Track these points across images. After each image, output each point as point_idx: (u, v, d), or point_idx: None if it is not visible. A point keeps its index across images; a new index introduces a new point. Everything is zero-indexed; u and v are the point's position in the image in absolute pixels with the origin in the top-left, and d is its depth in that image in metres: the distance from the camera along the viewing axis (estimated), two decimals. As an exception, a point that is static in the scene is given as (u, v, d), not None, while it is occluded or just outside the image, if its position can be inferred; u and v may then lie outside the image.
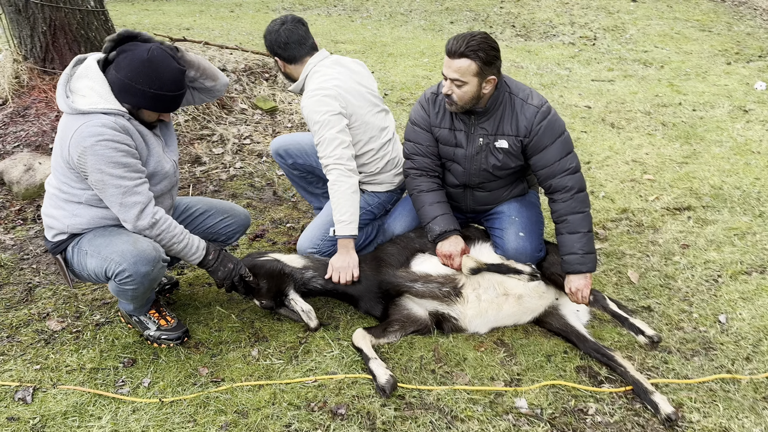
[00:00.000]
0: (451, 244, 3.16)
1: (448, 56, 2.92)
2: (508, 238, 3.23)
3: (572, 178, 3.08)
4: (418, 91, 7.42)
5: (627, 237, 4.23)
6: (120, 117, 2.66)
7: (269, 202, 4.66)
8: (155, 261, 2.75)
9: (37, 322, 3.21)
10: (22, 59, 5.57)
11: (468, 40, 2.84)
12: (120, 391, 2.76)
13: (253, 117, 6.00)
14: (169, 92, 2.67)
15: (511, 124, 3.09)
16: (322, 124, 3.18)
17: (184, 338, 3.09)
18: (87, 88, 2.65)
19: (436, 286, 3.12)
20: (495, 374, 2.92)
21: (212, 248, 2.99)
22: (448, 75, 2.93)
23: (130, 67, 2.60)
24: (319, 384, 2.83)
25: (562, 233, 3.11)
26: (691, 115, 6.61)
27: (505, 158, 3.17)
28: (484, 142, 3.14)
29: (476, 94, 2.96)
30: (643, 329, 2.91)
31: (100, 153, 2.58)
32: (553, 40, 10.36)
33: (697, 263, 3.88)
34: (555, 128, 3.07)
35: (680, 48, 9.62)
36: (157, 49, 2.64)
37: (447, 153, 3.26)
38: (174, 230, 2.83)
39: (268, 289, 3.19)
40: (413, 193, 3.34)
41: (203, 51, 6.90)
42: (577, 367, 2.98)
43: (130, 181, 2.67)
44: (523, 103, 3.08)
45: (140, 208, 2.71)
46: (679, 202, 4.69)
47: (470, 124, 3.14)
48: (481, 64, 2.87)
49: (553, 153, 3.07)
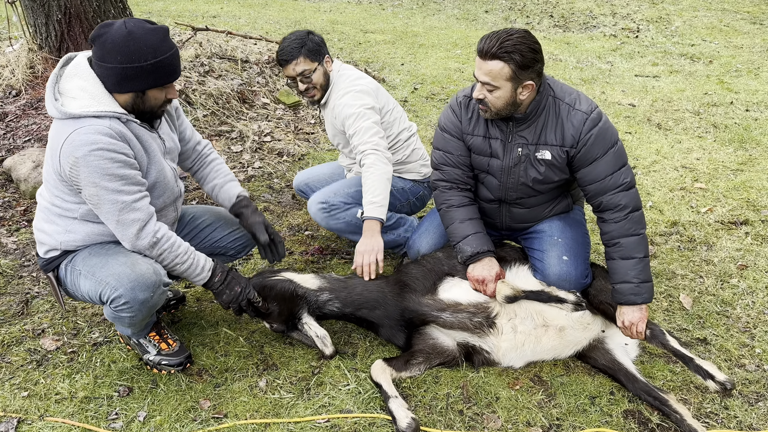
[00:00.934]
0: (484, 267, 2.82)
1: (479, 56, 2.57)
2: (549, 262, 2.87)
3: (626, 195, 2.70)
4: (449, 86, 7.04)
5: (678, 254, 3.83)
6: (116, 120, 2.36)
7: (288, 206, 4.36)
8: (155, 286, 2.47)
9: (30, 339, 2.96)
10: (37, 48, 5.36)
11: (502, 39, 2.49)
12: (112, 425, 2.49)
13: (275, 112, 5.70)
14: (165, 55, 2.33)
15: (555, 132, 2.72)
16: (357, 116, 3.22)
17: (186, 364, 2.80)
18: (77, 88, 2.35)
19: (466, 316, 2.78)
20: (531, 419, 2.58)
21: (219, 269, 2.70)
22: (479, 77, 2.59)
23: (115, 50, 2.27)
24: (332, 425, 2.52)
25: (614, 258, 2.73)
26: (744, 116, 6.11)
27: (548, 171, 2.80)
28: (523, 152, 2.78)
29: (511, 99, 2.61)
30: (713, 373, 2.54)
31: (94, 164, 2.30)
32: (594, 32, 9.84)
33: (758, 288, 3.47)
34: (607, 138, 2.69)
35: (729, 42, 9.04)
36: (128, 21, 2.32)
37: (480, 164, 2.90)
38: (177, 250, 2.55)
39: (279, 312, 2.88)
40: (442, 208, 2.99)
41: (226, 41, 6.61)
42: (625, 412, 2.63)
43: (128, 195, 2.39)
44: (569, 109, 2.70)
45: (139, 225, 2.44)
46: (735, 215, 4.26)
47: (508, 132, 2.78)
48: (516, 67, 2.51)
49: (605, 166, 2.69)
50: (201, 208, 3.08)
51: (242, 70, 6.02)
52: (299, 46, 3.22)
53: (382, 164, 3.12)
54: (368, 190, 3.08)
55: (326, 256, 3.78)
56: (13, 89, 5.15)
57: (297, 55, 3.22)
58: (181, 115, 2.88)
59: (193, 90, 5.32)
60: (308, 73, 3.27)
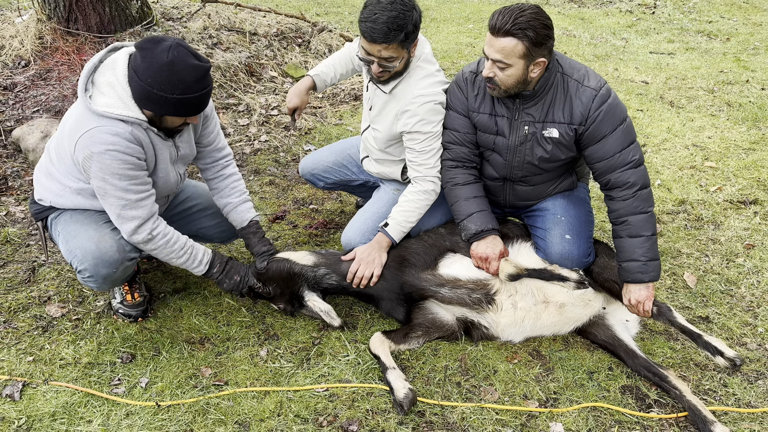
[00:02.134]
0: (488, 245, 2.80)
1: (491, 33, 2.50)
2: (552, 240, 2.85)
3: (635, 172, 2.66)
4: (460, 60, 6.96)
5: (684, 233, 3.79)
6: (137, 126, 2.46)
7: (293, 179, 4.36)
8: (118, 263, 2.61)
9: (36, 306, 3.00)
10: (45, 19, 5.35)
11: (515, 15, 2.42)
12: (115, 391, 2.54)
13: (282, 86, 5.67)
14: (194, 94, 2.37)
15: (563, 109, 2.68)
16: (432, 136, 2.91)
17: (138, 318, 2.93)
18: (108, 85, 2.42)
19: (465, 292, 2.78)
20: (529, 392, 2.59)
21: (218, 260, 2.84)
22: (490, 55, 2.53)
23: (149, 72, 2.32)
24: (331, 393, 2.55)
25: (621, 236, 2.70)
26: (759, 95, 6.00)
27: (555, 149, 2.76)
28: (530, 130, 2.74)
29: (522, 77, 2.57)
30: (722, 349, 2.55)
31: (107, 163, 2.41)
32: (609, 8, 9.67)
33: (763, 267, 3.44)
34: (616, 114, 2.65)
35: (748, 19, 8.85)
36: (176, 47, 2.33)
37: (486, 141, 2.87)
38: (172, 246, 2.67)
39: (281, 293, 2.93)
40: (447, 185, 2.96)
41: (235, 13, 6.57)
42: (623, 387, 2.63)
43: (134, 194, 2.51)
44: (578, 86, 2.65)
45: (138, 223, 2.56)
46: (744, 194, 4.20)
47: (514, 110, 2.74)
48: (530, 44, 2.46)
49: (613, 143, 2.65)
50: (197, 190, 3.13)
51: (250, 43, 5.99)
52: (397, 30, 2.61)
53: (431, 199, 2.99)
54: (404, 213, 2.96)
55: (330, 230, 3.79)
56: (22, 59, 5.16)
57: (391, 40, 2.63)
58: (212, 122, 2.88)
59: (201, 62, 5.31)
60: (393, 60, 2.74)
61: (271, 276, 2.91)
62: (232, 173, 3.00)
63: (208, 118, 2.84)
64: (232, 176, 3.00)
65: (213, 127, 2.88)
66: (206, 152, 2.92)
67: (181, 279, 3.27)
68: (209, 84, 2.43)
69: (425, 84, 2.87)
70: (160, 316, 2.99)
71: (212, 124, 2.88)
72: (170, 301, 3.10)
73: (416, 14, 2.68)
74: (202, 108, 2.49)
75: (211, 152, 2.93)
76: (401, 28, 2.62)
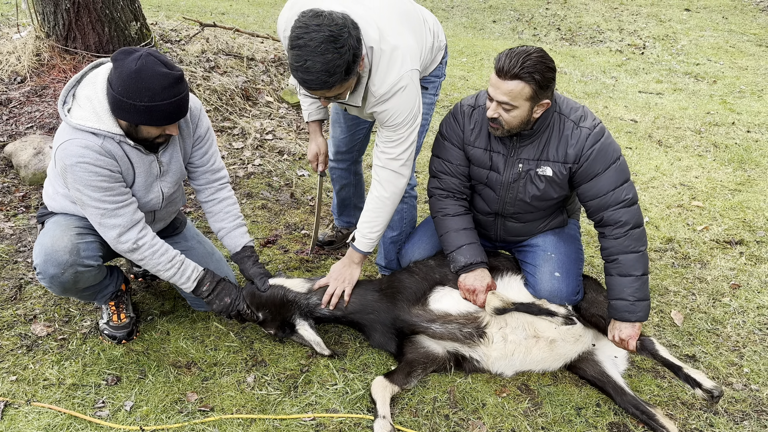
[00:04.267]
0: (476, 277, 2.80)
1: (497, 75, 2.51)
2: (541, 277, 2.87)
3: (628, 211, 2.67)
4: (453, 93, 7.06)
5: (671, 271, 3.84)
6: (109, 139, 2.46)
7: (285, 204, 4.37)
8: (66, 265, 2.56)
9: (22, 324, 2.96)
10: (44, 36, 5.37)
11: (523, 59, 2.43)
12: (98, 413, 2.50)
13: (278, 111, 5.71)
14: (162, 102, 2.34)
15: (557, 148, 2.70)
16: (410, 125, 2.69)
17: (122, 340, 2.91)
18: (86, 99, 2.45)
19: (456, 327, 2.77)
20: (517, 426, 2.59)
21: (208, 279, 2.82)
22: (496, 97, 2.54)
23: (119, 81, 2.33)
24: (318, 423, 2.53)
25: (611, 274, 2.72)
26: (745, 137, 6.13)
27: (547, 187, 2.79)
28: (524, 168, 2.77)
29: (527, 118, 2.59)
30: (700, 381, 2.55)
31: (79, 175, 2.43)
32: (600, 46, 9.88)
33: (749, 308, 3.48)
34: (609, 153, 2.68)
35: (734, 63, 9.07)
36: (146, 57, 2.32)
37: (479, 176, 2.89)
38: (159, 258, 2.67)
39: (272, 319, 2.90)
40: (437, 216, 2.96)
41: (233, 38, 6.63)
42: (610, 424, 2.63)
43: (110, 204, 2.51)
44: (574, 126, 2.68)
45: (119, 231, 2.56)
46: (731, 234, 4.27)
47: (511, 147, 2.76)
48: (536, 87, 2.48)
49: (606, 182, 2.67)
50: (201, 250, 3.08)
51: (247, 68, 6.04)
52: (334, 74, 2.33)
53: (392, 201, 2.85)
54: (368, 224, 2.88)
55: (321, 256, 3.79)
56: (18, 75, 5.16)
57: (330, 85, 2.38)
58: (207, 143, 2.86)
59: (197, 85, 5.34)
60: (342, 94, 2.52)
61: (264, 302, 2.89)
62: (227, 197, 2.98)
63: (202, 139, 2.82)
64: (227, 200, 2.98)
65: (207, 148, 2.86)
66: (199, 172, 2.90)
67: (169, 301, 3.25)
68: (180, 93, 2.38)
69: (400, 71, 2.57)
70: (147, 338, 2.96)
71: (207, 146, 2.85)
72: (158, 323, 3.07)
73: (350, 45, 2.33)
74: (176, 117, 2.45)
75: (204, 173, 2.91)
76: (339, 70, 2.34)
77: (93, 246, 2.65)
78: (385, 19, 2.62)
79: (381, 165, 2.77)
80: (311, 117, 3.22)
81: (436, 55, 3.00)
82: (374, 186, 2.83)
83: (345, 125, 3.39)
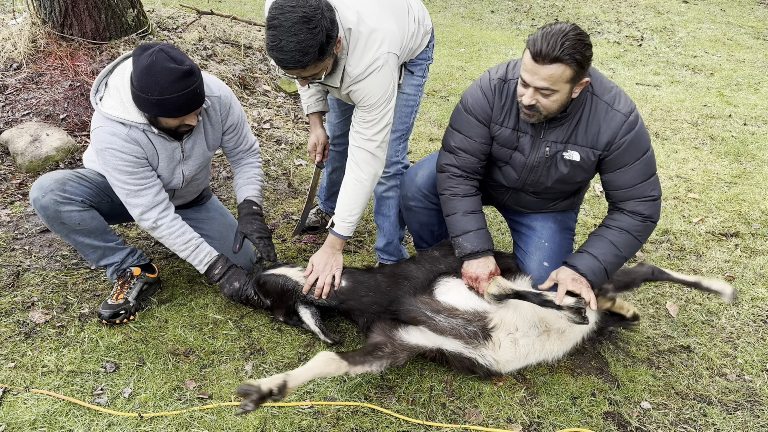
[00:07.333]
0: (479, 265, 2.74)
1: (534, 60, 2.30)
2: (530, 265, 2.86)
3: (651, 206, 2.61)
4: (451, 83, 7.05)
5: (667, 262, 3.86)
6: (135, 128, 2.69)
7: (283, 193, 4.38)
8: (47, 190, 2.72)
9: (20, 312, 2.97)
10: (40, 23, 5.33)
11: (561, 39, 2.24)
12: (97, 400, 2.51)
13: (275, 100, 5.70)
14: (171, 95, 2.50)
15: (587, 132, 2.55)
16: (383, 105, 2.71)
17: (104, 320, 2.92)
18: (115, 88, 2.67)
19: (461, 322, 2.67)
20: (512, 415, 2.61)
21: (220, 263, 3.00)
22: (534, 83, 2.34)
23: (135, 76, 2.52)
24: (316, 411, 2.55)
25: (600, 235, 2.68)
26: (741, 130, 6.15)
27: (572, 171, 2.67)
28: (551, 151, 2.62)
29: (566, 101, 2.43)
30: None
31: (107, 159, 2.69)
32: (598, 38, 9.86)
33: (743, 299, 3.50)
34: (641, 144, 2.54)
35: (732, 55, 9.07)
36: (157, 52, 2.49)
37: (502, 155, 2.73)
38: (175, 240, 2.88)
39: (278, 306, 2.96)
40: (445, 194, 2.80)
41: (230, 26, 6.60)
42: (605, 414, 2.66)
43: (134, 186, 2.75)
44: (608, 109, 2.51)
45: (141, 210, 2.79)
46: (726, 226, 4.29)
47: (539, 128, 2.60)
48: (577, 67, 2.30)
49: (634, 174, 2.58)
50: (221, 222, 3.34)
51: (245, 56, 6.02)
52: (308, 54, 2.38)
53: (368, 184, 2.86)
54: (348, 204, 2.89)
55: (318, 245, 3.79)
56: (15, 62, 5.13)
57: (305, 65, 2.43)
58: (239, 128, 3.09)
59: (194, 73, 5.33)
60: (317, 75, 2.57)
61: (268, 289, 2.94)
62: (251, 161, 3.25)
63: (234, 127, 3.05)
64: (250, 164, 3.24)
65: (239, 132, 3.11)
66: (233, 152, 3.21)
67: (168, 290, 3.26)
68: (189, 86, 2.52)
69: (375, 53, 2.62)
70: (145, 326, 2.97)
71: (239, 131, 3.10)
72: (156, 311, 3.08)
73: (323, 26, 2.37)
74: (188, 108, 2.60)
75: (238, 152, 3.22)
76: (312, 50, 2.37)
77: (82, 187, 2.81)
78: (366, 3, 2.69)
79: (357, 145, 2.82)
80: (310, 109, 3.30)
81: (422, 39, 3.06)
82: (350, 168, 2.86)
83: (339, 110, 3.46)
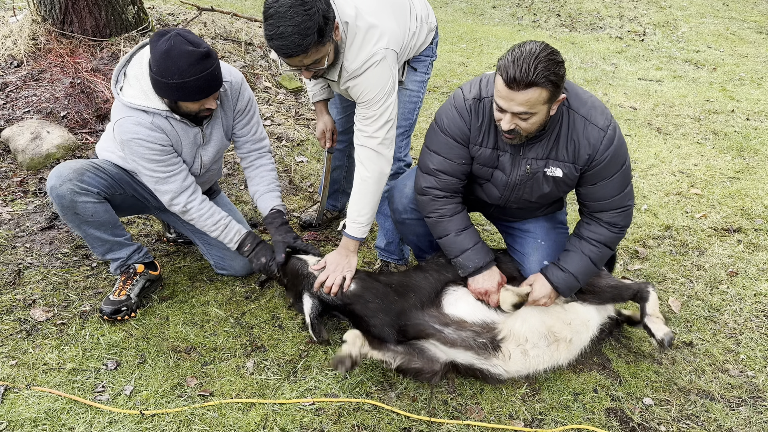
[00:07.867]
0: (485, 279, 2.70)
1: (508, 87, 2.23)
2: (530, 266, 2.83)
3: (627, 216, 2.63)
4: (452, 79, 7.03)
5: (669, 258, 3.85)
6: (158, 116, 2.70)
7: (284, 190, 4.36)
8: (65, 179, 2.73)
9: (21, 309, 2.97)
10: (40, 20, 5.32)
11: (534, 63, 2.18)
12: (98, 398, 2.51)
13: (276, 96, 5.69)
14: (190, 78, 2.51)
15: (567, 147, 2.50)
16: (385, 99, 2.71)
17: (104, 316, 2.92)
18: (135, 78, 2.68)
19: (471, 334, 2.65)
20: (514, 411, 2.60)
21: (249, 240, 3.05)
22: (511, 109, 2.29)
23: (154, 62, 2.53)
24: (317, 408, 2.54)
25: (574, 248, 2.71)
26: (744, 125, 6.12)
27: (555, 187, 2.64)
28: (532, 168, 2.58)
29: (545, 120, 2.38)
30: None
31: (134, 149, 2.71)
32: (600, 33, 9.82)
33: (746, 295, 3.49)
34: (620, 157, 2.52)
35: (735, 50, 9.03)
36: (174, 37, 2.50)
37: (483, 174, 2.69)
38: (205, 221, 2.94)
39: (291, 287, 3.00)
40: (432, 217, 2.72)
41: (231, 22, 6.58)
42: (607, 410, 2.65)
43: (162, 173, 2.79)
44: (585, 123, 2.47)
45: (171, 196, 2.85)
46: (729, 222, 4.28)
47: (519, 146, 2.55)
48: (552, 88, 2.25)
49: (611, 187, 2.56)
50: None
51: (245, 53, 6.01)
52: (308, 35, 2.38)
53: (376, 181, 2.82)
54: (356, 204, 2.87)
55: (319, 242, 3.79)
56: (15, 60, 5.12)
57: (306, 48, 2.42)
58: (249, 113, 3.08)
59: (195, 70, 5.31)
60: (319, 61, 2.55)
61: (287, 270, 3.00)
62: (265, 164, 3.20)
63: (243, 112, 3.04)
64: (265, 166, 3.19)
65: (249, 119, 3.09)
66: (241, 142, 3.14)
67: (169, 287, 3.26)
68: (207, 68, 2.54)
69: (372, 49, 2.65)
70: (147, 323, 2.97)
71: (248, 117, 3.08)
72: (157, 308, 3.08)
73: (319, 7, 2.37)
74: (208, 91, 2.62)
75: (246, 143, 3.14)
76: (310, 31, 2.37)
77: (98, 179, 2.81)
78: (365, 0, 2.72)
79: (360, 143, 2.82)
80: (315, 98, 3.31)
81: (426, 37, 3.06)
82: (357, 168, 2.86)
83: (340, 106, 3.47)
